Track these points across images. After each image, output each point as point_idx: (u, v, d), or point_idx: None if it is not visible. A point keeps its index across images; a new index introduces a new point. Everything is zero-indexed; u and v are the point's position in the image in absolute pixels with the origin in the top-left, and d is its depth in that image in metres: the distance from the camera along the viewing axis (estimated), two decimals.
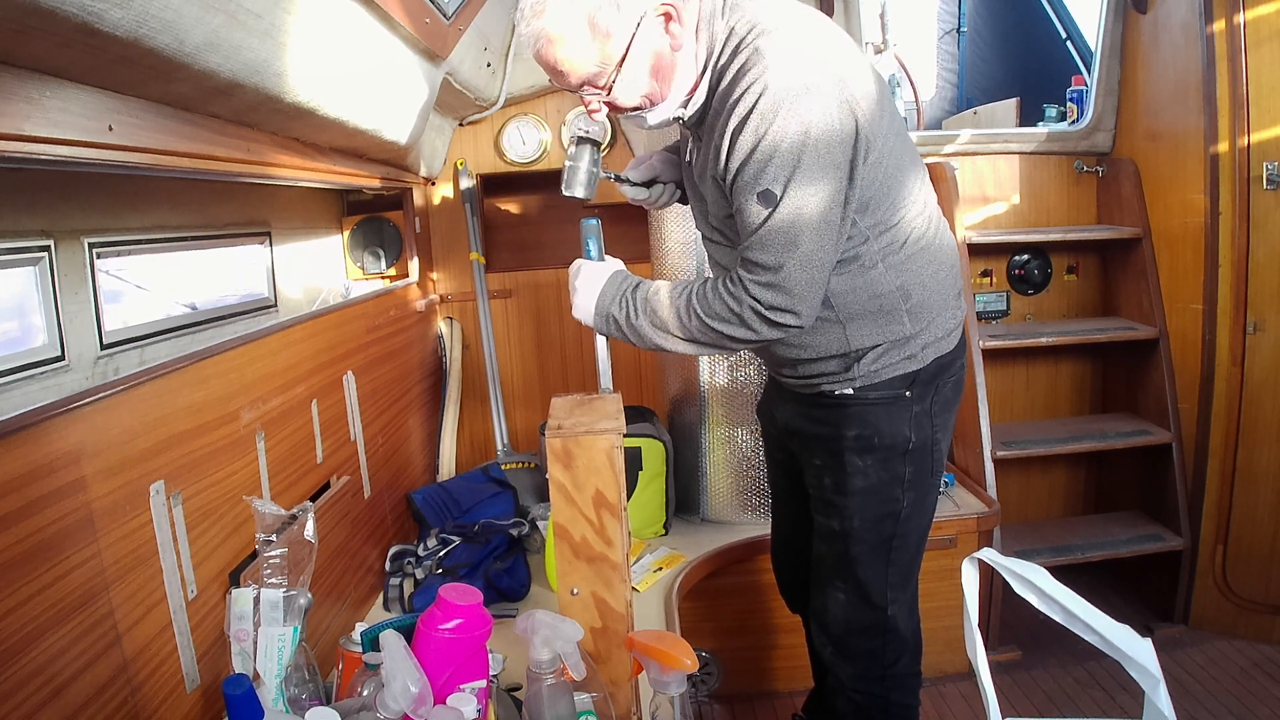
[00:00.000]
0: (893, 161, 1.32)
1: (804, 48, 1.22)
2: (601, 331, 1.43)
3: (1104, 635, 1.23)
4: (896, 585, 1.49)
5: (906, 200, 1.36)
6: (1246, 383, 2.51)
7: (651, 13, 1.24)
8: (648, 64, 1.27)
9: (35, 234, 1.24)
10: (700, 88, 1.32)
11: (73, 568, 0.97)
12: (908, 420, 1.42)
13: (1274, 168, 2.40)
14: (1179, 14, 2.61)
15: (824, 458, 1.49)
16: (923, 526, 1.51)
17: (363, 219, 2.62)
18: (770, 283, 1.25)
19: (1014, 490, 3.01)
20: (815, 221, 1.22)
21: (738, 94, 1.22)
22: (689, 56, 1.29)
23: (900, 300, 1.38)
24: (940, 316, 1.43)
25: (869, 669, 1.52)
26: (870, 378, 1.41)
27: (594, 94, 1.29)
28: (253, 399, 1.43)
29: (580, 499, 1.28)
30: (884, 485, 1.44)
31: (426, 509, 2.27)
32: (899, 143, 1.35)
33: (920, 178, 1.41)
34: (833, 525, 1.49)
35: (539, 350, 3.03)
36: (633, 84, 1.28)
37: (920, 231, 1.39)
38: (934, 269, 1.41)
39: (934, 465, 1.47)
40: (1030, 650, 2.55)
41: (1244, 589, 2.59)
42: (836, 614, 1.52)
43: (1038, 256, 3.05)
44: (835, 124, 1.20)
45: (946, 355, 1.44)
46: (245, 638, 1.13)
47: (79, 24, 0.78)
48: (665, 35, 1.26)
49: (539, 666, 1.12)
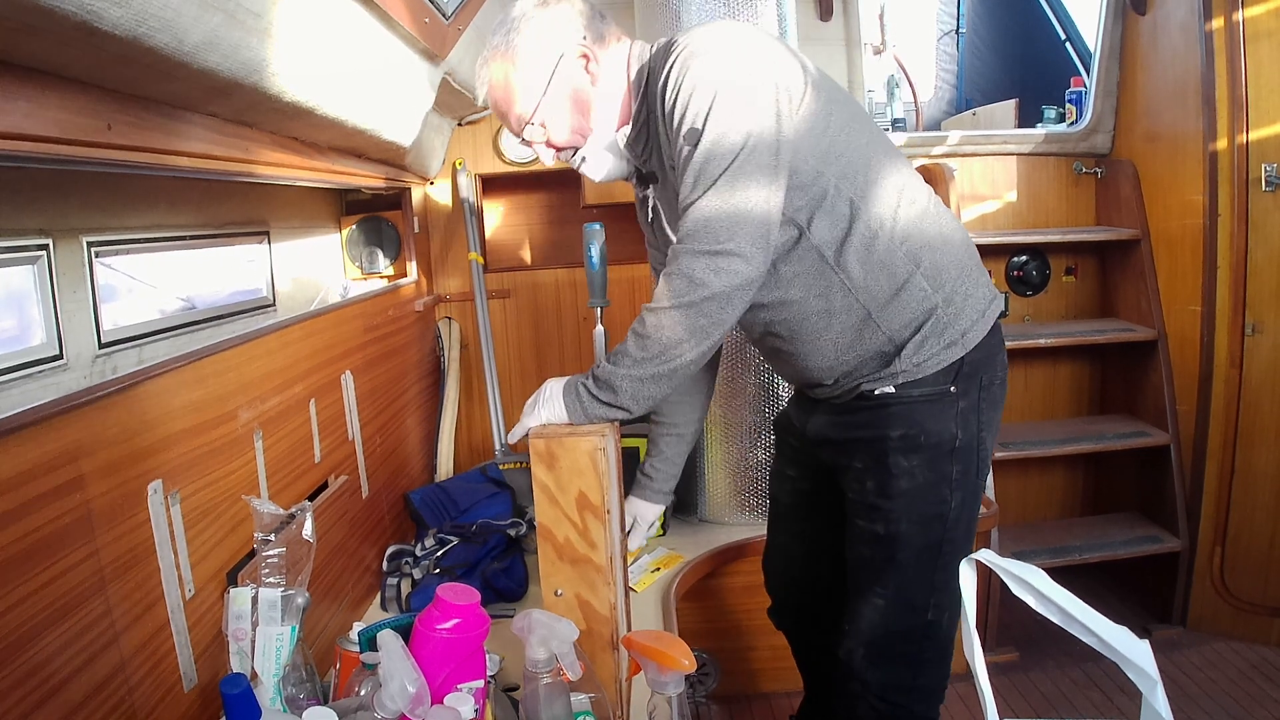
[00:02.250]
0: (859, 128, 1.38)
1: (723, 25, 1.36)
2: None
3: (1101, 636, 1.23)
4: (941, 589, 1.43)
5: (891, 165, 1.38)
6: (1245, 384, 2.52)
7: (570, 55, 1.37)
8: (570, 99, 1.39)
9: (34, 233, 1.24)
10: (633, 119, 1.42)
11: (70, 566, 0.97)
12: (954, 417, 1.39)
13: (1273, 169, 2.40)
14: (1178, 15, 2.61)
15: (865, 460, 1.44)
16: (971, 528, 1.46)
17: (361, 219, 2.62)
18: (700, 220, 1.26)
19: (1012, 491, 3.01)
20: (737, 151, 1.24)
21: (666, 74, 1.32)
22: (613, 91, 1.41)
23: (912, 265, 1.36)
24: (965, 285, 1.40)
25: (899, 678, 1.47)
26: (912, 373, 1.37)
27: (535, 132, 1.41)
28: (251, 398, 1.43)
29: (563, 500, 1.27)
30: (931, 486, 1.40)
31: (424, 509, 2.27)
32: (862, 123, 1.41)
33: (903, 165, 1.42)
34: (876, 530, 1.43)
35: (537, 350, 3.03)
36: (560, 119, 1.39)
37: (911, 200, 1.39)
38: (942, 234, 1.39)
39: (980, 465, 1.43)
40: (1028, 651, 2.56)
41: (1242, 590, 2.59)
42: (874, 619, 1.46)
43: (1036, 258, 3.06)
44: (752, 69, 1.28)
45: (985, 341, 1.40)
46: (243, 637, 1.13)
47: (78, 23, 0.78)
48: (584, 74, 1.39)
49: (535, 666, 1.12)
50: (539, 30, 1.36)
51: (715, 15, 2.14)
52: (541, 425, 1.34)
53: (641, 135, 1.42)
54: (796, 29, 2.27)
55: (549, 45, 1.36)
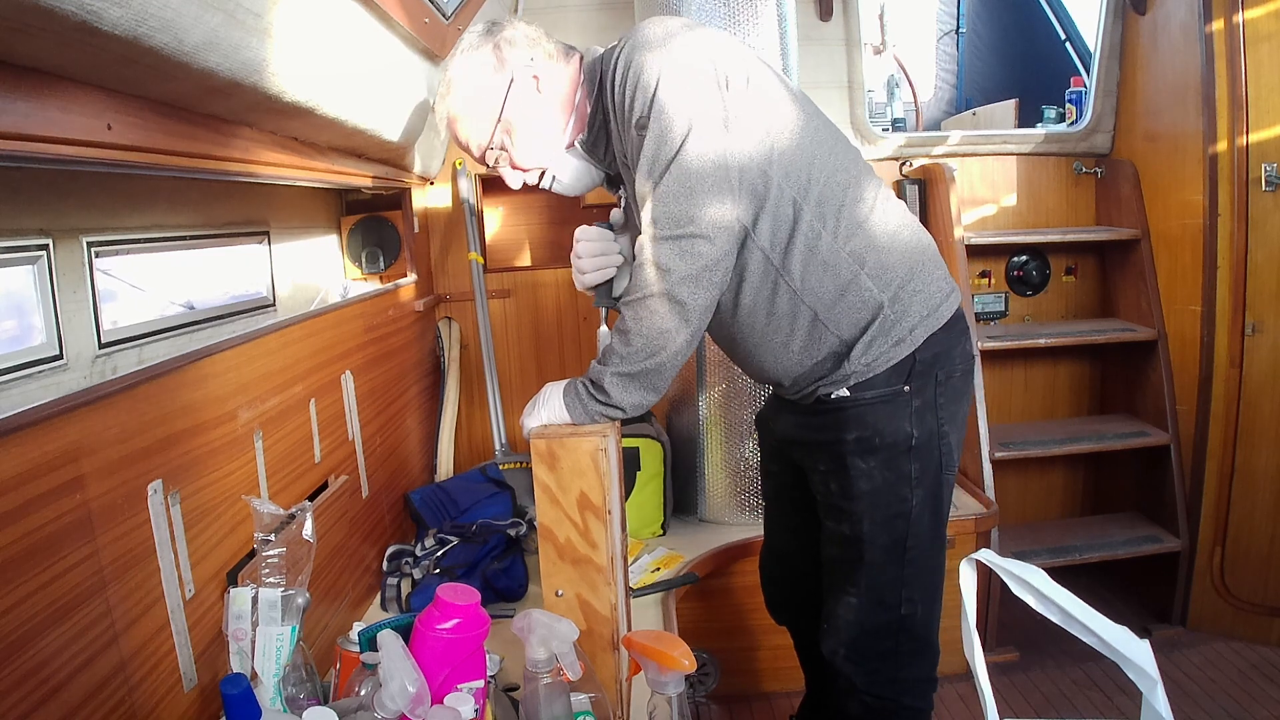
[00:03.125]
0: (805, 126, 1.38)
1: (666, 19, 1.37)
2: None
3: (1101, 636, 1.23)
4: (912, 584, 1.46)
5: (834, 169, 1.38)
6: (1245, 384, 2.52)
7: (520, 78, 1.41)
8: (526, 118, 1.42)
9: (33, 233, 1.23)
10: (592, 120, 1.44)
11: (70, 566, 0.97)
12: (908, 416, 1.40)
13: (1272, 169, 2.40)
14: (1178, 15, 2.61)
15: (827, 463, 1.47)
16: (937, 523, 1.48)
17: (361, 219, 2.62)
18: (660, 207, 1.29)
19: (1012, 491, 3.01)
20: (686, 133, 1.26)
21: (613, 71, 1.35)
22: (566, 101, 1.44)
23: (856, 266, 1.37)
24: (913, 283, 1.40)
25: (881, 672, 1.49)
26: (863, 374, 1.39)
27: (498, 156, 1.45)
28: (251, 398, 1.43)
29: (565, 501, 1.28)
30: (890, 485, 1.42)
31: (424, 509, 2.27)
32: (808, 120, 1.41)
33: (850, 164, 1.42)
34: (843, 530, 1.47)
35: (537, 350, 3.03)
36: (518, 140, 1.43)
37: (857, 199, 1.39)
38: (888, 232, 1.40)
39: (943, 459, 1.44)
40: (1028, 651, 2.55)
41: (1242, 590, 2.59)
42: (849, 618, 1.49)
43: (1036, 258, 3.06)
44: (691, 55, 1.30)
45: (939, 336, 1.41)
46: (243, 637, 1.13)
47: (78, 23, 0.78)
48: (536, 94, 1.42)
49: (535, 666, 1.12)
50: (487, 58, 1.41)
51: (715, 15, 2.14)
52: (542, 426, 1.34)
53: (600, 137, 1.45)
54: (796, 29, 2.27)
55: (498, 71, 1.41)
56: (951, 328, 1.44)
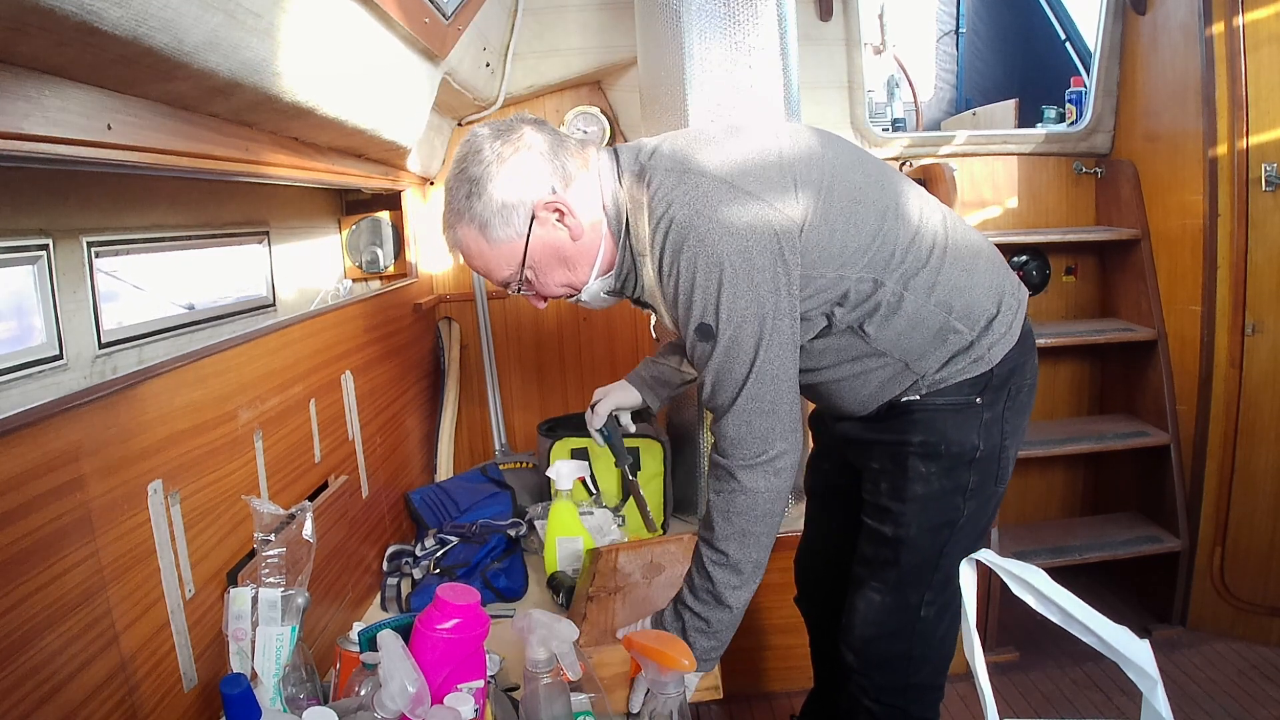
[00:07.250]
0: (856, 209, 1.31)
1: (700, 191, 1.24)
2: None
3: (1101, 636, 1.23)
4: (937, 588, 1.44)
5: (899, 225, 1.33)
6: (1245, 384, 2.52)
7: (542, 213, 1.28)
8: (552, 257, 1.33)
9: (34, 233, 1.23)
10: (620, 261, 1.36)
11: (70, 566, 0.97)
12: (977, 428, 1.37)
13: (1272, 169, 2.40)
14: (1178, 15, 2.61)
15: (884, 462, 1.44)
16: (977, 533, 1.46)
17: (361, 218, 2.62)
18: (738, 434, 1.27)
19: (1012, 491, 2.99)
20: (756, 347, 1.23)
21: (659, 252, 1.26)
22: (595, 238, 1.33)
23: (945, 314, 1.34)
24: (994, 309, 1.38)
25: (893, 678, 1.47)
26: (936, 384, 1.37)
27: (523, 287, 1.37)
28: (251, 398, 1.43)
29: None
30: (945, 493, 1.39)
31: (424, 509, 2.27)
32: (862, 179, 1.33)
33: (905, 195, 1.38)
34: (884, 530, 1.44)
35: (537, 350, 3.03)
36: (547, 277, 1.35)
37: (929, 242, 1.35)
38: (963, 267, 1.37)
39: (1000, 472, 1.42)
40: (1028, 651, 2.55)
41: (1242, 590, 2.59)
42: (868, 615, 1.46)
43: (1036, 258, 3.06)
44: (746, 239, 1.22)
45: (1014, 352, 1.39)
46: (243, 637, 1.13)
47: (78, 23, 0.78)
48: (560, 228, 1.30)
49: (535, 666, 1.12)
50: (504, 189, 1.26)
51: (715, 15, 2.14)
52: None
53: (630, 277, 1.39)
54: (796, 29, 2.27)
55: (517, 204, 1.27)
56: (1024, 342, 1.42)
